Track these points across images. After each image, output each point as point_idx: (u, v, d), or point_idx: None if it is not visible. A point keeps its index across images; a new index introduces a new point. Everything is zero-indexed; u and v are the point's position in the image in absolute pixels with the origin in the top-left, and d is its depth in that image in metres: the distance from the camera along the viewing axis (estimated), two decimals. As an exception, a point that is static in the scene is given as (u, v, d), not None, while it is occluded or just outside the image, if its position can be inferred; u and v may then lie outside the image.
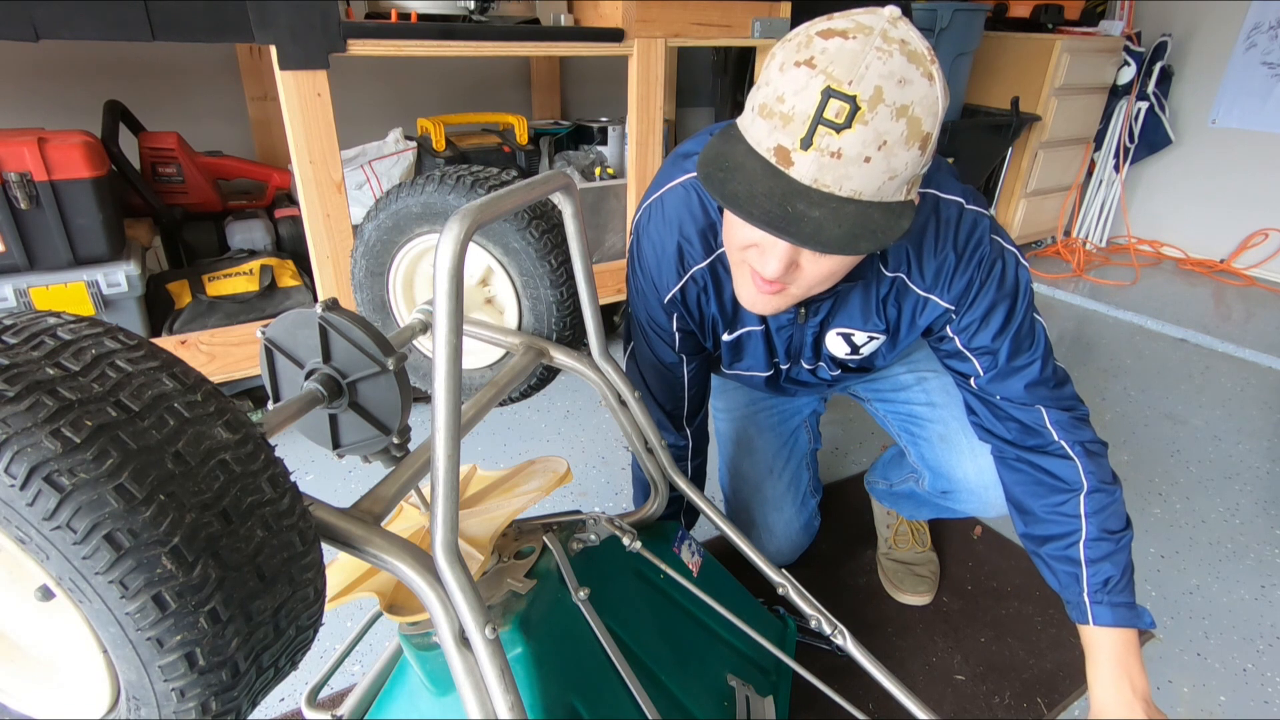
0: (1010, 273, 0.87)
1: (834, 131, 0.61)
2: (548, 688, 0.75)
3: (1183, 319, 2.68)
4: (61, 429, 0.37)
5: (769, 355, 1.03)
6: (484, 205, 0.57)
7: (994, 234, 0.87)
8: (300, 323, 0.67)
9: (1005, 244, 0.88)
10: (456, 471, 0.57)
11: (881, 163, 0.62)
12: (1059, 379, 0.93)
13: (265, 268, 1.62)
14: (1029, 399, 0.91)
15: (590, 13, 1.82)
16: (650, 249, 0.93)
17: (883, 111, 0.60)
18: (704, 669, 0.94)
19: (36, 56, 1.72)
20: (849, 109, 0.60)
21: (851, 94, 0.60)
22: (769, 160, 0.65)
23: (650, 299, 0.96)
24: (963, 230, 0.85)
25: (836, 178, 0.63)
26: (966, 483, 1.07)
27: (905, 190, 0.67)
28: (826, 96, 0.60)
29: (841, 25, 0.62)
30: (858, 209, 0.64)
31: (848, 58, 0.60)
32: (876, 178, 0.63)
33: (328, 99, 1.41)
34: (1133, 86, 3.07)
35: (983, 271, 0.86)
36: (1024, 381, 0.90)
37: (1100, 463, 0.91)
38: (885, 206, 0.66)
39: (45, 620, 0.46)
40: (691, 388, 1.07)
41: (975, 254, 0.85)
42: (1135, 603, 0.89)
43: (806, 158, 0.63)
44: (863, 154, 0.62)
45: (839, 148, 0.61)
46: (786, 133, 0.63)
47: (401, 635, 0.78)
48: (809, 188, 0.64)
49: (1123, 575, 0.89)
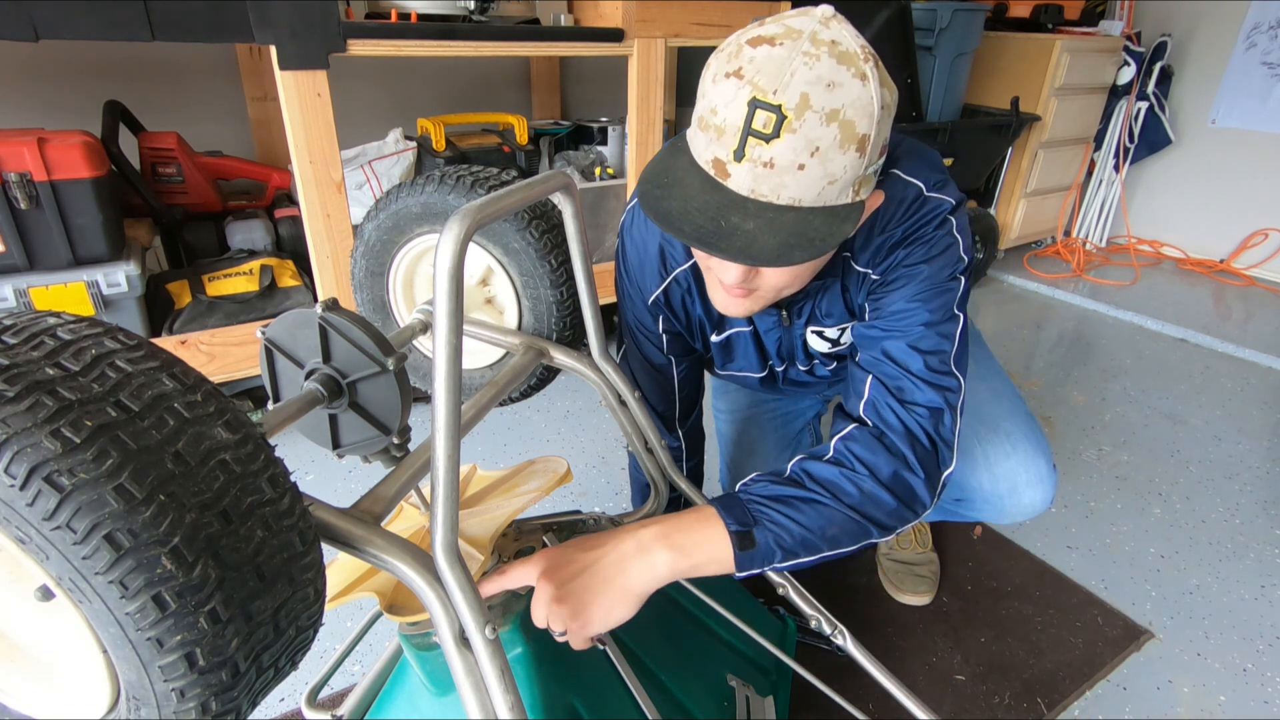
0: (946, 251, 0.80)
1: (763, 142, 0.60)
2: (548, 688, 0.75)
3: (1183, 319, 2.68)
4: (61, 429, 0.37)
5: (761, 357, 1.02)
6: (484, 205, 0.57)
7: (952, 216, 0.80)
8: (300, 323, 0.67)
9: (956, 227, 0.81)
10: (456, 471, 0.57)
11: (817, 169, 0.61)
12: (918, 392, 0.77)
13: (265, 268, 1.62)
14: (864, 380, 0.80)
15: (590, 13, 1.82)
16: (634, 251, 0.93)
17: (810, 118, 0.59)
18: (704, 669, 0.94)
19: (36, 56, 1.71)
20: (775, 118, 0.60)
21: (776, 103, 0.59)
22: (708, 173, 0.65)
23: (636, 301, 0.96)
24: (915, 213, 0.80)
25: (773, 187, 0.62)
26: (981, 492, 1.06)
27: (852, 192, 0.65)
28: (753, 107, 0.60)
29: (770, 31, 0.62)
30: (797, 216, 0.63)
31: (773, 66, 0.60)
32: (814, 184, 0.62)
33: (328, 99, 1.41)
34: (1133, 86, 3.07)
35: (921, 250, 0.80)
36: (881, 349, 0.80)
37: (863, 460, 0.75)
38: (828, 211, 0.64)
39: (45, 620, 0.46)
40: (683, 390, 1.06)
41: (920, 232, 0.80)
42: (741, 505, 0.74)
43: (741, 169, 0.62)
44: (795, 161, 0.61)
45: (770, 157, 0.61)
46: (721, 145, 0.63)
47: (401, 635, 0.78)
48: (746, 198, 0.63)
49: (765, 501, 0.74)
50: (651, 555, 0.70)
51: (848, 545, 0.76)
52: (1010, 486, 1.02)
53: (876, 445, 0.76)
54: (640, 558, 0.70)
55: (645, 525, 0.73)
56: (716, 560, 0.72)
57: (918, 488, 0.76)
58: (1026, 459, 1.03)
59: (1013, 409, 1.07)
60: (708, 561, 0.71)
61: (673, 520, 0.73)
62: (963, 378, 0.81)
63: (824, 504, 0.74)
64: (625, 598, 0.70)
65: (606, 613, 0.69)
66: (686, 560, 0.71)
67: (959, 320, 0.81)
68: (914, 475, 0.76)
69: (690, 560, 0.71)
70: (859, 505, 0.74)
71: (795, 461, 0.78)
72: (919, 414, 0.77)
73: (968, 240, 0.82)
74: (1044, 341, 2.56)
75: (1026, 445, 1.03)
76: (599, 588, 0.69)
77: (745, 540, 0.71)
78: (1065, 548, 1.50)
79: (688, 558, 0.71)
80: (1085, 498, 1.66)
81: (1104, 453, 1.85)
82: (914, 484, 0.76)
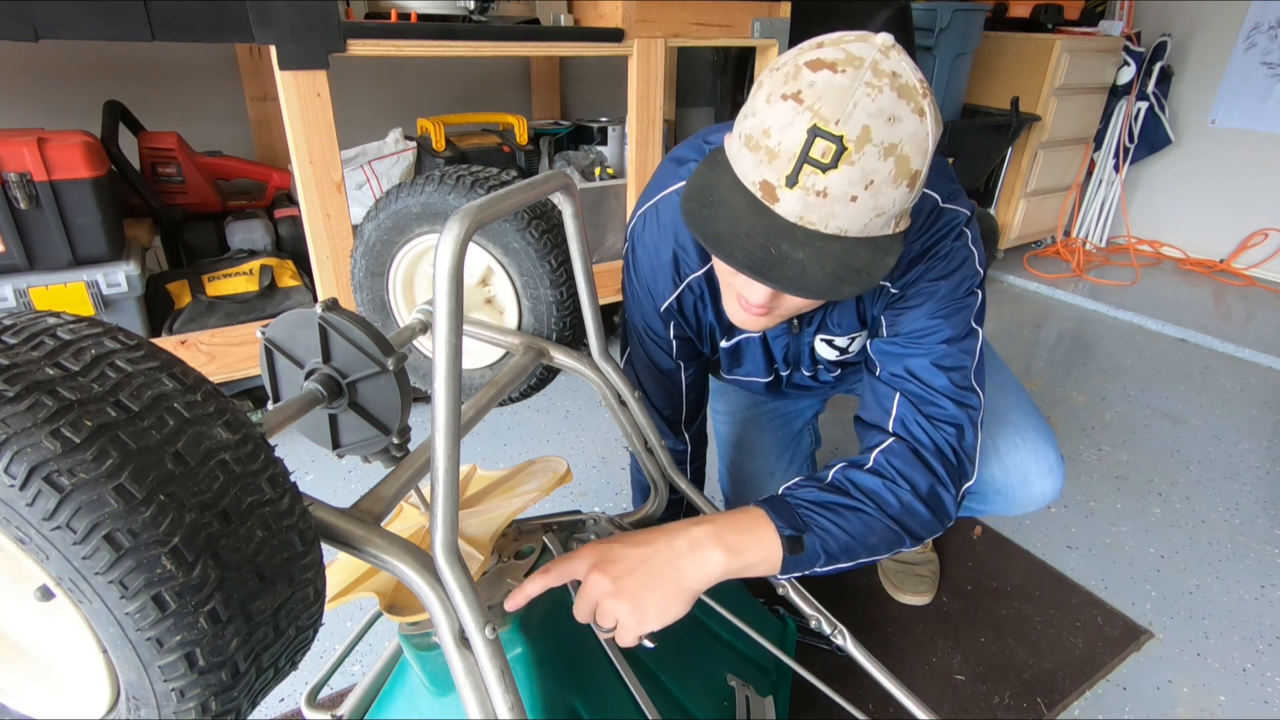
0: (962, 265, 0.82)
1: (820, 171, 0.60)
2: (548, 688, 0.75)
3: (1183, 319, 2.68)
4: (61, 429, 0.36)
5: (768, 362, 1.02)
6: (484, 205, 0.57)
7: (966, 228, 0.82)
8: (300, 323, 0.67)
9: (970, 239, 0.83)
10: (456, 471, 0.57)
11: (868, 201, 0.61)
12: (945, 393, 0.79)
13: (265, 268, 1.62)
14: (892, 396, 0.82)
15: (590, 13, 1.82)
16: (646, 257, 0.92)
17: (870, 151, 0.59)
18: (704, 669, 0.94)
19: (37, 56, 1.71)
20: (835, 149, 0.59)
21: (839, 134, 0.58)
22: (754, 195, 0.64)
23: (646, 307, 0.95)
24: (931, 225, 0.81)
25: (822, 216, 0.62)
26: (993, 483, 1.05)
27: (894, 225, 0.65)
28: (813, 135, 0.59)
29: (831, 56, 0.60)
30: (843, 247, 0.63)
31: (835, 94, 0.58)
32: (863, 216, 0.62)
33: (328, 99, 1.41)
34: (1132, 86, 3.07)
35: (938, 266, 0.81)
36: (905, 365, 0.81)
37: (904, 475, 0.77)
38: (871, 242, 0.64)
39: (45, 620, 0.46)
40: (690, 393, 1.06)
41: (937, 247, 0.81)
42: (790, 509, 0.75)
43: (792, 195, 0.62)
44: (849, 193, 0.60)
45: (825, 187, 0.60)
46: (772, 169, 0.62)
47: (401, 635, 0.78)
48: (794, 225, 0.63)
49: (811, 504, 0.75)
50: (706, 553, 0.70)
51: (883, 553, 0.78)
52: (1021, 476, 1.03)
53: (915, 460, 0.78)
54: (694, 555, 0.70)
55: (696, 523, 0.72)
56: (767, 561, 0.72)
57: (947, 502, 0.79)
58: (1036, 449, 1.03)
59: (1019, 401, 1.08)
60: (759, 562, 0.72)
61: (724, 520, 0.74)
62: (982, 392, 0.83)
63: (868, 513, 0.75)
64: (680, 595, 0.69)
65: (663, 609, 0.68)
66: (739, 561, 0.71)
67: (978, 335, 0.83)
68: (945, 490, 0.78)
69: (743, 561, 0.71)
70: (899, 516, 0.76)
71: (837, 469, 0.79)
72: (946, 431, 0.79)
73: (982, 252, 0.84)
74: (1044, 341, 2.56)
75: (1035, 436, 1.04)
76: (655, 584, 0.68)
77: (796, 545, 0.73)
78: (1065, 548, 1.50)
79: (740, 558, 0.71)
80: (1085, 498, 1.66)
81: (1104, 453, 1.85)
82: (945, 498, 0.79)
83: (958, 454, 0.79)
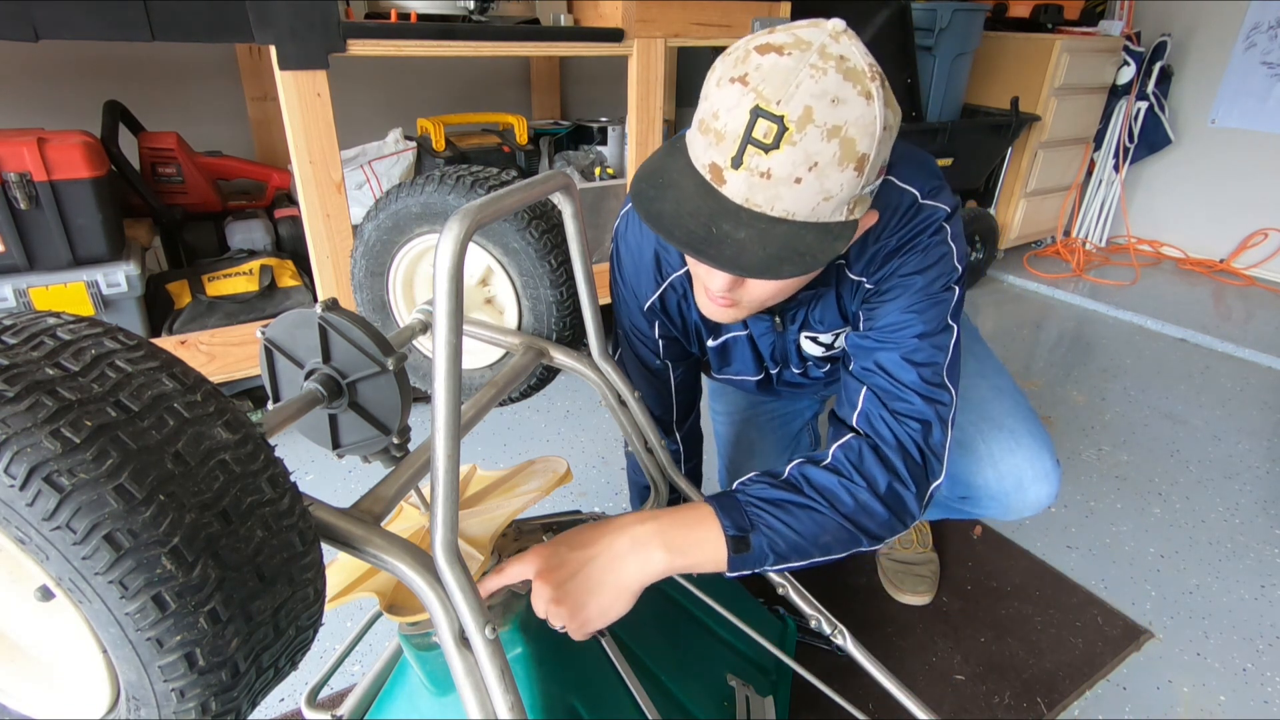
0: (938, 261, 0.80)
1: (762, 151, 0.60)
2: (548, 688, 0.75)
3: (1182, 319, 2.68)
4: (61, 429, 0.36)
5: (757, 360, 1.02)
6: (484, 205, 0.57)
7: (946, 223, 0.80)
8: (300, 323, 0.67)
9: (950, 234, 0.81)
10: (456, 471, 0.57)
11: (814, 184, 0.61)
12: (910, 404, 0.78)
13: (265, 268, 1.62)
14: (858, 391, 0.80)
15: (590, 13, 1.82)
16: (629, 256, 0.92)
17: (812, 132, 0.59)
18: (704, 669, 0.94)
19: (36, 56, 1.71)
20: (777, 129, 0.59)
21: (779, 114, 0.58)
22: (704, 177, 0.64)
23: (631, 306, 0.96)
24: (910, 221, 0.80)
25: (768, 198, 0.62)
26: (987, 489, 1.05)
27: (846, 210, 0.65)
28: (755, 116, 0.59)
29: (780, 40, 0.61)
30: (789, 230, 0.63)
31: (779, 76, 0.59)
32: (809, 199, 0.62)
33: (328, 99, 1.41)
34: (1132, 86, 3.07)
35: (915, 259, 0.80)
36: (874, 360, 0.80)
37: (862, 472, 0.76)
38: (821, 227, 0.64)
39: (45, 620, 0.46)
40: (679, 394, 1.06)
41: (915, 241, 0.80)
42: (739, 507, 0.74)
43: (737, 177, 0.62)
44: (793, 175, 0.60)
45: (768, 168, 0.60)
46: (719, 150, 0.62)
47: (401, 635, 0.78)
48: (740, 207, 0.63)
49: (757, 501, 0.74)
50: (647, 552, 0.71)
51: (838, 553, 0.76)
52: (1016, 482, 1.02)
53: (873, 457, 0.76)
54: (635, 555, 0.71)
55: (641, 520, 0.73)
56: (711, 560, 0.72)
57: (908, 500, 0.77)
58: (1031, 455, 1.03)
59: (1015, 405, 1.07)
60: (703, 562, 0.72)
61: (668, 517, 0.73)
62: (954, 389, 0.81)
63: (820, 512, 0.74)
64: (621, 595, 0.71)
65: (604, 611, 0.70)
66: (682, 559, 0.71)
67: (952, 331, 0.81)
68: (905, 488, 0.76)
69: (685, 560, 0.71)
70: (853, 515, 0.75)
71: (794, 465, 0.78)
72: (911, 427, 0.77)
73: (962, 248, 0.82)
74: (1044, 341, 2.56)
75: (1031, 441, 1.04)
76: (594, 588, 0.70)
77: (740, 544, 0.72)
78: (1065, 548, 1.50)
79: (683, 557, 0.71)
80: (1085, 498, 1.66)
81: (1104, 453, 1.85)
82: (905, 497, 0.76)
83: (922, 451, 0.77)
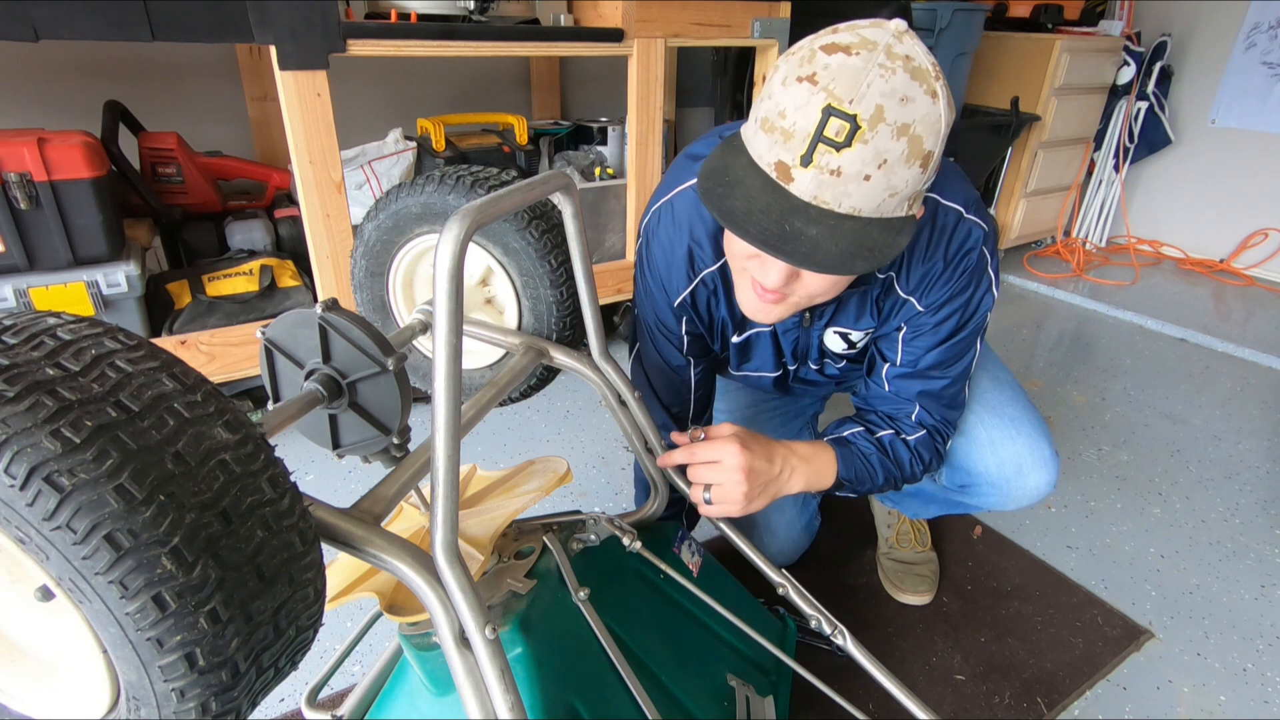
0: (979, 295, 0.89)
1: (834, 150, 0.61)
2: (548, 688, 0.75)
3: (1182, 319, 2.68)
4: (61, 429, 0.36)
5: (777, 356, 1.03)
6: (484, 205, 0.57)
7: (985, 248, 0.87)
8: (300, 323, 0.67)
9: (990, 263, 0.89)
10: (456, 471, 0.57)
11: (881, 181, 0.62)
12: (953, 402, 0.97)
13: (265, 268, 1.62)
14: (913, 400, 0.95)
15: (590, 13, 1.82)
16: (660, 252, 0.93)
17: (883, 130, 0.60)
18: (704, 669, 0.94)
19: (36, 56, 1.71)
20: (849, 128, 0.60)
21: (852, 113, 0.60)
22: (769, 175, 0.65)
23: (659, 302, 0.96)
24: (955, 239, 0.85)
25: (836, 195, 0.63)
26: (988, 475, 1.06)
27: (907, 206, 0.67)
28: (827, 115, 0.60)
29: (845, 40, 0.62)
30: (856, 226, 0.64)
31: (849, 75, 0.60)
32: (876, 195, 0.63)
33: (327, 99, 1.41)
34: (1132, 86, 3.07)
35: (959, 283, 0.87)
36: (921, 388, 0.94)
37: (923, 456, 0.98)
38: (885, 223, 0.66)
39: (45, 620, 0.46)
40: (697, 390, 1.07)
41: (961, 264, 0.86)
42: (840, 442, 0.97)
43: (806, 174, 0.63)
44: (862, 172, 0.61)
45: (838, 165, 0.61)
46: (787, 149, 0.63)
47: (401, 635, 0.78)
48: (808, 204, 0.64)
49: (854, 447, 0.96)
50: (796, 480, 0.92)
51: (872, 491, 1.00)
52: (1016, 469, 1.03)
53: (933, 450, 0.98)
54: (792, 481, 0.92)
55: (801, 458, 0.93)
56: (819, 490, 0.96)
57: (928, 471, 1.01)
58: (1031, 441, 1.04)
59: (1014, 395, 1.09)
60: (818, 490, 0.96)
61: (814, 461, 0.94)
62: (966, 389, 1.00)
63: (891, 472, 0.96)
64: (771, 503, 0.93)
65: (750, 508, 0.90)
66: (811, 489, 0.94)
67: (974, 350, 0.95)
68: (934, 465, 1.01)
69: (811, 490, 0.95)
70: (904, 480, 0.99)
71: (886, 434, 0.97)
72: (950, 426, 0.99)
73: (997, 270, 0.90)
74: (1044, 341, 2.56)
75: (1030, 429, 1.05)
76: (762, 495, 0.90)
77: (839, 486, 0.95)
78: (1065, 548, 1.50)
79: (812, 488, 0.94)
80: (1085, 498, 1.66)
81: (1104, 453, 1.85)
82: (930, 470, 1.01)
83: (941, 455, 1.01)
